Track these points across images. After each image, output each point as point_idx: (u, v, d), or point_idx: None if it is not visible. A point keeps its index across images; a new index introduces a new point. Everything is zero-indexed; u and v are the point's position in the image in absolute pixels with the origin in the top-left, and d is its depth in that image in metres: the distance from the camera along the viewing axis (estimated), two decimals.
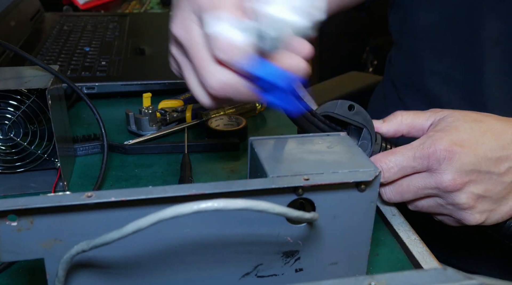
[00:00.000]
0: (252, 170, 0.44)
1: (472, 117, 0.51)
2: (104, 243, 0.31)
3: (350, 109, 0.50)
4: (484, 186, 0.49)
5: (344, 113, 0.50)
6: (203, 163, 0.67)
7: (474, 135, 0.49)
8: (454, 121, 0.50)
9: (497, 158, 0.49)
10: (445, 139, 0.48)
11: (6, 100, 0.57)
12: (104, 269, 0.37)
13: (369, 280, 0.26)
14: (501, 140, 0.49)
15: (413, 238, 0.53)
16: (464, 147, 0.48)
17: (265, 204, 0.32)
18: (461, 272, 0.27)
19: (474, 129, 0.49)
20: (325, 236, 0.41)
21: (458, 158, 0.48)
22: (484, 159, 0.48)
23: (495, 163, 0.49)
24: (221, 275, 0.40)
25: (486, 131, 0.50)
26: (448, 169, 0.48)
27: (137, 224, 0.30)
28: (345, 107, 0.50)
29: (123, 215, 0.35)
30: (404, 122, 0.53)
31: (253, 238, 0.39)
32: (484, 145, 0.49)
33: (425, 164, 0.49)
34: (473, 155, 0.48)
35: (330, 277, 0.40)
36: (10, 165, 0.59)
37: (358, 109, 0.50)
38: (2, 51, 0.89)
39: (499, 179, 0.49)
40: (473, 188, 0.49)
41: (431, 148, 0.48)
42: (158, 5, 1.47)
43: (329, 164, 0.40)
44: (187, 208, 0.30)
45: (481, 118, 0.51)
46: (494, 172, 0.49)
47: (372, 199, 0.40)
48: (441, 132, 0.50)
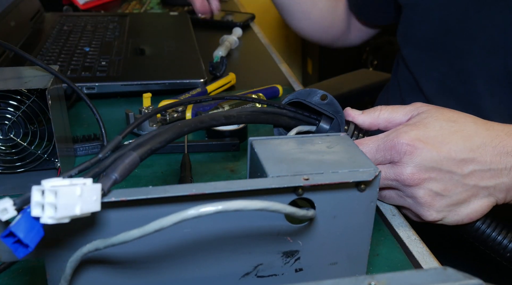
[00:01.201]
0: (252, 170, 0.44)
1: (447, 116, 0.51)
2: (122, 241, 0.32)
3: (323, 99, 0.51)
4: (444, 185, 0.49)
5: (316, 102, 0.51)
6: (203, 163, 0.67)
7: (442, 134, 0.49)
8: (427, 117, 0.51)
9: (461, 159, 0.49)
10: (410, 134, 0.49)
11: (6, 100, 0.57)
12: (105, 267, 0.37)
13: (369, 280, 0.26)
14: (470, 142, 0.49)
15: (413, 238, 0.53)
16: (427, 144, 0.48)
17: (279, 205, 0.33)
18: (461, 272, 0.27)
19: (444, 128, 0.49)
20: (325, 236, 0.41)
21: (420, 153, 0.48)
22: (447, 158, 0.48)
23: (459, 164, 0.49)
24: (221, 275, 0.40)
25: (456, 131, 0.49)
26: (408, 163, 0.48)
27: (160, 223, 0.31)
28: (317, 97, 0.51)
29: (123, 215, 0.35)
30: (382, 117, 0.54)
31: (253, 238, 0.39)
32: (449, 144, 0.49)
33: (387, 156, 0.49)
34: (435, 153, 0.48)
35: (330, 277, 0.40)
36: (10, 165, 0.59)
37: (331, 100, 0.51)
38: (2, 51, 0.89)
39: (461, 180, 0.49)
40: (432, 185, 0.49)
41: (393, 140, 0.49)
42: (158, 5, 1.47)
43: (329, 163, 0.40)
44: (211, 208, 0.31)
45: (456, 118, 0.51)
46: (456, 172, 0.49)
47: (372, 199, 0.40)
48: (409, 126, 0.50)
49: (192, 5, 1.06)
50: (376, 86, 1.32)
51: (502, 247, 0.51)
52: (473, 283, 0.26)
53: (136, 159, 0.34)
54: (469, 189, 0.49)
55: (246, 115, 0.46)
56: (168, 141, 0.37)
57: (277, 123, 0.51)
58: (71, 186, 0.29)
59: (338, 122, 0.52)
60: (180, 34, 1.10)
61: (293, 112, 0.51)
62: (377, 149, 0.50)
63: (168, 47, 1.01)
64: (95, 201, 0.31)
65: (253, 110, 0.48)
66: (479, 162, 0.49)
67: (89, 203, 0.30)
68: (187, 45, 1.03)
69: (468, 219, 0.51)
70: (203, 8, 1.05)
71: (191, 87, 0.83)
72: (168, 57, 0.95)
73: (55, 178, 0.30)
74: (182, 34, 1.10)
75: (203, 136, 0.72)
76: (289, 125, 0.51)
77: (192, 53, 0.97)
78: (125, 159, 0.34)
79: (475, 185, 0.49)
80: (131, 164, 0.34)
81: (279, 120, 0.50)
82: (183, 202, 0.35)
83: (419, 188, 0.49)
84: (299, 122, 0.52)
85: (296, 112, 0.51)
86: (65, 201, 0.29)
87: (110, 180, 0.33)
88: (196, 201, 0.35)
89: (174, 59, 0.94)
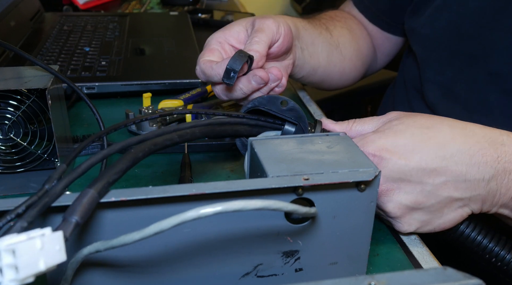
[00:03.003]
0: (252, 170, 0.44)
1: (420, 123, 0.48)
2: (123, 243, 0.31)
3: (284, 106, 0.49)
4: (414, 197, 0.46)
5: (277, 109, 0.49)
6: (203, 163, 0.67)
7: (413, 143, 0.46)
8: (397, 124, 0.48)
9: (432, 169, 0.45)
10: (377, 143, 0.46)
11: (6, 100, 0.57)
12: (105, 268, 0.37)
13: (369, 280, 0.26)
14: (444, 150, 0.46)
15: (413, 238, 0.53)
16: (395, 153, 0.45)
17: (280, 203, 0.33)
18: (461, 272, 0.27)
19: (415, 135, 0.46)
20: (325, 235, 0.41)
21: (386, 165, 0.46)
22: (417, 168, 0.45)
23: (430, 174, 0.46)
24: (221, 275, 0.40)
25: (429, 139, 0.46)
26: None
27: (160, 226, 0.31)
28: (277, 103, 0.49)
29: (123, 215, 0.35)
30: (354, 129, 0.51)
31: (253, 238, 0.39)
32: (420, 153, 0.45)
33: None
34: (403, 163, 0.45)
35: (330, 277, 0.40)
36: (10, 165, 0.59)
37: (292, 106, 0.49)
38: (2, 51, 0.89)
39: (434, 191, 0.46)
40: (401, 197, 0.47)
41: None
42: (158, 5, 1.47)
43: (329, 163, 0.40)
44: (210, 210, 0.31)
45: (430, 125, 0.47)
46: (427, 183, 0.46)
47: (372, 199, 0.40)
48: (377, 134, 0.47)
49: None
50: (377, 86, 1.32)
51: (487, 252, 0.49)
52: (473, 283, 0.26)
53: (94, 195, 0.32)
54: (442, 200, 0.47)
55: (201, 129, 0.43)
56: (124, 171, 0.35)
57: (237, 133, 0.48)
58: (29, 240, 0.26)
59: (302, 128, 0.50)
60: (180, 34, 1.10)
61: (255, 120, 0.49)
62: None
63: (168, 47, 1.00)
64: (59, 251, 0.28)
65: (208, 122, 0.45)
66: (453, 171, 0.46)
67: (53, 254, 0.27)
68: (187, 45, 1.03)
69: (440, 228, 0.49)
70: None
71: (191, 87, 0.83)
72: (168, 57, 0.95)
73: (8, 235, 0.26)
74: (182, 34, 1.10)
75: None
76: (250, 133, 0.49)
77: (192, 53, 0.97)
78: (82, 198, 0.32)
79: (449, 196, 0.46)
80: (90, 202, 0.32)
81: (239, 130, 0.48)
82: (183, 202, 0.35)
83: (388, 200, 0.47)
84: (262, 129, 0.50)
85: (258, 119, 0.49)
86: (26, 259, 0.26)
87: (71, 224, 0.30)
88: (196, 201, 0.35)
89: (174, 59, 0.94)
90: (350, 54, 0.81)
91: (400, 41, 0.90)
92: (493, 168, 0.46)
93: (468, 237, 0.49)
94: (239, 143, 0.52)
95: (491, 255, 0.49)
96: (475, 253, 0.50)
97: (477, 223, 0.50)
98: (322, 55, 0.74)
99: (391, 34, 0.88)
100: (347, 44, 0.81)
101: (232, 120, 0.48)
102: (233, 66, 0.51)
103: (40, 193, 0.32)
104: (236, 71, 0.51)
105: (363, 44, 0.86)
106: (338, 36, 0.79)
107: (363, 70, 0.88)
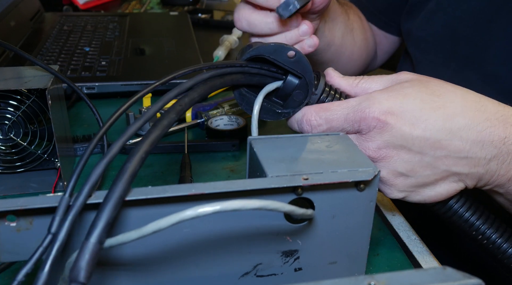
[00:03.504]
0: (251, 170, 0.44)
1: (432, 89, 0.45)
2: (121, 243, 0.31)
3: (291, 57, 0.45)
4: (411, 166, 0.44)
5: (282, 59, 0.45)
6: (203, 163, 0.67)
7: (421, 109, 0.43)
8: (408, 87, 0.45)
9: (436, 140, 0.43)
10: (383, 105, 0.43)
11: (6, 100, 0.57)
12: (103, 267, 0.37)
13: (368, 280, 0.26)
14: (452, 122, 0.43)
15: (413, 238, 0.53)
16: (400, 120, 0.43)
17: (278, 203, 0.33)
18: (461, 272, 0.27)
19: (425, 101, 0.43)
20: (324, 235, 0.41)
21: (389, 130, 0.43)
22: (420, 138, 0.43)
23: (432, 145, 0.43)
24: (221, 274, 0.40)
25: (438, 108, 0.43)
26: (376, 138, 0.44)
27: (158, 224, 0.30)
28: (284, 53, 0.45)
29: (123, 215, 0.35)
30: (360, 86, 0.48)
31: (253, 237, 0.39)
32: (426, 122, 0.43)
33: (356, 127, 0.45)
34: (408, 131, 0.43)
35: (329, 276, 0.40)
36: (10, 165, 0.59)
37: (299, 57, 0.45)
38: (2, 51, 0.89)
39: (432, 162, 0.44)
40: (397, 165, 0.44)
41: (364, 112, 0.44)
42: (158, 5, 1.47)
43: (328, 163, 0.40)
44: (209, 209, 0.30)
45: (442, 93, 0.44)
46: (427, 154, 0.44)
47: (371, 198, 0.40)
48: (385, 94, 0.44)
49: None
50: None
51: (473, 229, 0.48)
52: (472, 282, 0.26)
53: (97, 247, 0.29)
54: (438, 172, 0.45)
55: (199, 92, 0.40)
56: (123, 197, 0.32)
57: (238, 83, 0.45)
58: None
59: (306, 81, 0.46)
60: (180, 34, 1.10)
61: (257, 68, 0.45)
62: (345, 118, 0.45)
63: (168, 47, 1.01)
64: None
65: (208, 76, 0.41)
66: (456, 146, 0.43)
67: None
68: (187, 45, 1.03)
69: (430, 200, 0.47)
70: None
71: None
72: (168, 57, 0.95)
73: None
74: (182, 34, 1.10)
75: (203, 136, 0.72)
76: (251, 82, 0.46)
77: (192, 53, 0.97)
78: (84, 254, 0.29)
79: (446, 170, 0.44)
80: (93, 258, 0.29)
81: (240, 80, 0.45)
82: (183, 202, 0.35)
83: (383, 166, 0.45)
84: (262, 78, 0.47)
85: (260, 68, 0.46)
86: None
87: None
88: (196, 201, 0.35)
89: (174, 59, 0.94)
90: (360, 41, 0.82)
91: (398, 40, 0.90)
92: (497, 148, 0.44)
93: (456, 212, 0.48)
94: (237, 94, 0.48)
95: (477, 232, 0.48)
96: (461, 229, 0.49)
97: (467, 199, 0.48)
98: (338, 35, 0.73)
99: (389, 33, 0.89)
100: (358, 31, 0.81)
101: (234, 70, 0.44)
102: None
103: (46, 241, 0.30)
104: (296, 7, 0.48)
105: (369, 36, 0.87)
106: (353, 21, 0.79)
107: (367, 62, 0.88)
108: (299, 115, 0.47)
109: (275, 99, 0.48)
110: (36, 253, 0.30)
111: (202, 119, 0.73)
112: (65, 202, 0.31)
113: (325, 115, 0.45)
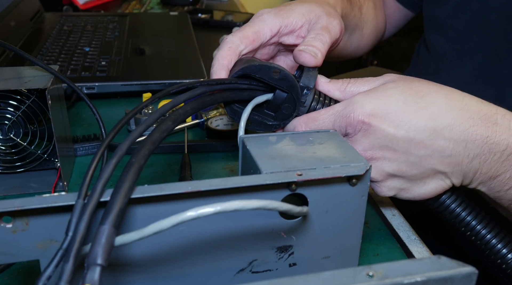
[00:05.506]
0: (244, 167, 0.44)
1: (416, 90, 0.46)
2: (121, 243, 0.31)
3: (275, 74, 0.47)
4: (397, 166, 0.46)
5: (268, 78, 0.47)
6: (203, 163, 0.67)
7: (404, 110, 0.44)
8: (391, 88, 0.46)
9: (420, 141, 0.44)
10: (367, 107, 0.45)
11: (6, 100, 0.57)
12: None
13: (366, 270, 0.26)
14: (435, 122, 0.44)
15: (413, 238, 0.53)
16: (384, 121, 0.44)
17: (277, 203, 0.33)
18: (455, 260, 0.27)
19: (408, 103, 0.44)
20: (318, 230, 0.41)
21: (373, 131, 0.45)
22: (404, 139, 0.44)
23: (417, 145, 0.44)
24: (217, 271, 0.40)
25: (421, 109, 0.44)
26: (362, 140, 0.45)
27: (159, 225, 0.30)
28: (269, 72, 0.47)
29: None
30: (348, 91, 0.49)
31: (248, 234, 0.39)
32: (409, 123, 0.44)
33: (343, 132, 0.46)
34: (392, 132, 0.44)
35: (323, 271, 0.40)
36: (10, 165, 0.59)
37: (284, 75, 0.47)
38: (2, 51, 0.89)
39: (418, 162, 0.45)
40: (384, 165, 0.46)
41: (349, 117, 0.45)
42: (158, 5, 1.47)
43: (321, 159, 0.40)
44: (209, 209, 0.31)
45: (425, 93, 0.45)
46: (412, 153, 0.45)
47: (363, 193, 0.41)
48: (369, 96, 0.45)
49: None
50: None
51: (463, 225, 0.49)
52: (466, 270, 0.26)
53: (112, 231, 0.30)
54: (424, 171, 0.46)
55: (192, 106, 0.42)
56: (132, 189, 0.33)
57: (228, 100, 0.47)
58: None
59: (293, 97, 0.48)
60: (180, 34, 1.10)
61: (247, 84, 0.47)
62: (333, 125, 0.46)
63: (168, 47, 1.01)
64: None
65: (198, 94, 0.44)
66: (440, 146, 0.44)
67: None
68: (187, 45, 1.03)
69: (420, 198, 0.48)
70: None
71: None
72: (168, 57, 0.95)
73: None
74: (182, 34, 1.10)
75: (203, 136, 0.72)
76: (241, 97, 0.47)
77: (192, 53, 0.97)
78: (101, 238, 0.29)
79: (432, 168, 0.46)
80: (109, 241, 0.30)
81: (229, 96, 0.46)
82: (179, 200, 0.35)
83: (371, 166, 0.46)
84: (252, 92, 0.48)
85: (249, 84, 0.47)
86: None
87: (96, 271, 0.29)
88: (192, 198, 0.36)
89: (174, 59, 0.94)
90: (369, 32, 0.81)
91: (410, 15, 0.89)
92: (479, 147, 0.45)
93: (448, 208, 0.49)
94: (229, 110, 0.50)
95: (466, 228, 0.49)
96: (452, 225, 0.49)
97: (459, 195, 0.49)
98: (344, 38, 0.73)
99: (403, 6, 0.87)
100: (369, 23, 0.81)
101: (224, 87, 0.46)
102: (307, 83, 0.48)
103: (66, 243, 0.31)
104: (310, 89, 0.48)
105: (381, 19, 0.86)
106: (365, 14, 0.79)
107: (375, 43, 0.88)
108: (290, 127, 0.49)
109: (267, 111, 0.50)
110: (57, 256, 0.30)
111: (202, 120, 0.73)
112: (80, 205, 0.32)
113: (314, 125, 0.47)
